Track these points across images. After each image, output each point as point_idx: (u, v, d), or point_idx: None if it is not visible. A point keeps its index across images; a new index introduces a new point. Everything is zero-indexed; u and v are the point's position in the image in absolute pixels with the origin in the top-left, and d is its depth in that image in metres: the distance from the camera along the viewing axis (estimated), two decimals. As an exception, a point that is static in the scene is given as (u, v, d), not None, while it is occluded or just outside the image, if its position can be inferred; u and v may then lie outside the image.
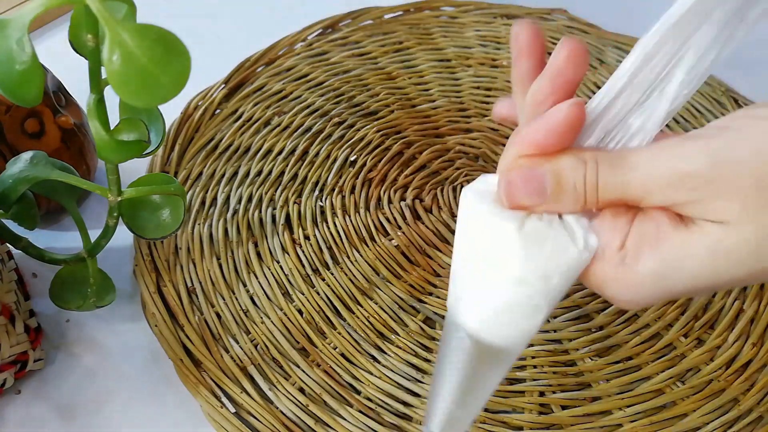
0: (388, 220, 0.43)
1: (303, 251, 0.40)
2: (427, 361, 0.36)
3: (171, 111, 0.45)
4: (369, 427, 0.34)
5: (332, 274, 0.40)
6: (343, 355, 0.36)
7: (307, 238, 0.41)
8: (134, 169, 0.43)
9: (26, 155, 0.34)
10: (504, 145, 0.31)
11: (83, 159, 0.41)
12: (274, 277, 0.39)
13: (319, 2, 0.57)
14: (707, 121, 0.49)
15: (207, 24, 0.57)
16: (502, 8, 0.58)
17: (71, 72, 0.38)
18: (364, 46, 0.53)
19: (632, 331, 0.39)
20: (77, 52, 0.28)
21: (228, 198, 0.43)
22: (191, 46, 0.24)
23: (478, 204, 0.23)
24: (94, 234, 0.35)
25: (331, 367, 0.36)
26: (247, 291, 0.39)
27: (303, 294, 0.39)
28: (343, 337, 0.37)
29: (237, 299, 0.38)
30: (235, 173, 0.44)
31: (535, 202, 0.22)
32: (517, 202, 0.22)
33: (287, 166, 0.45)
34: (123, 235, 0.35)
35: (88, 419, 0.34)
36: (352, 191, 0.44)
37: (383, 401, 0.35)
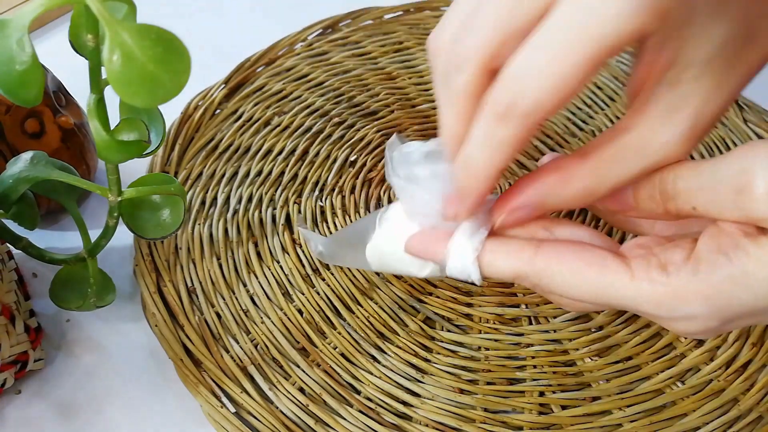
0: (388, 220, 0.42)
1: (303, 251, 0.40)
2: (427, 361, 0.36)
3: (171, 111, 0.45)
4: (369, 427, 0.34)
5: (332, 274, 0.40)
6: (343, 355, 0.36)
7: (307, 238, 0.41)
8: (134, 169, 0.43)
9: (26, 155, 0.34)
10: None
11: (83, 159, 0.41)
12: (274, 277, 0.39)
13: (319, 2, 0.57)
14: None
15: (207, 24, 0.57)
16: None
17: (71, 72, 0.38)
18: (364, 46, 0.53)
19: (632, 331, 0.39)
20: (77, 52, 0.28)
21: (228, 198, 0.43)
22: (191, 46, 0.24)
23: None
24: (94, 234, 0.35)
25: (331, 367, 0.36)
26: (247, 291, 0.39)
27: (303, 294, 0.39)
28: (343, 337, 0.37)
29: (237, 299, 0.38)
30: (235, 173, 0.44)
31: None
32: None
33: (287, 166, 0.45)
34: (123, 235, 0.35)
35: (88, 419, 0.34)
36: (352, 191, 0.44)
37: (383, 401, 0.35)
